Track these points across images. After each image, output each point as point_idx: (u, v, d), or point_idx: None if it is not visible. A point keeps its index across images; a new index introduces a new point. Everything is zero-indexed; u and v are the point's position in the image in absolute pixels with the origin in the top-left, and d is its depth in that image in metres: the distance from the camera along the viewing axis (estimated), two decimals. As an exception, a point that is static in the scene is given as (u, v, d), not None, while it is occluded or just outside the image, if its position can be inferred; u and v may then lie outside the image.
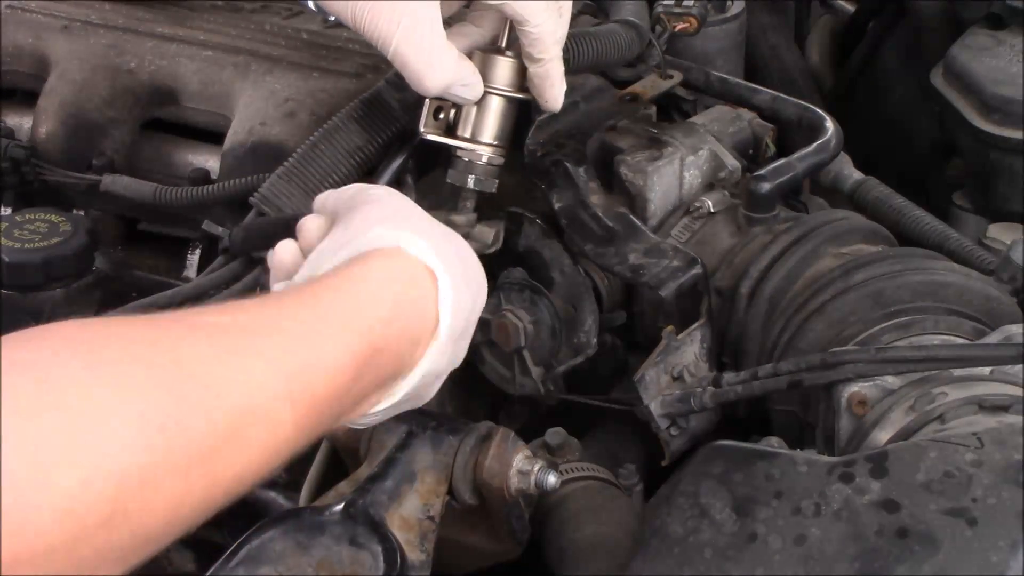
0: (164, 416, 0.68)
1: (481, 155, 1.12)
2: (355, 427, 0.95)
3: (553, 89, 1.10)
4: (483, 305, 0.97)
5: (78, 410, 0.65)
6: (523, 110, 1.15)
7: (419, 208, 0.96)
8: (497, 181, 1.14)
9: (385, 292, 0.86)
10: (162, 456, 0.68)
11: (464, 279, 0.92)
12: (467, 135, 1.12)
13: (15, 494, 0.61)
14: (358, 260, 0.88)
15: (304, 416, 0.78)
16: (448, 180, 1.14)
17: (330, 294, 0.84)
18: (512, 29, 1.09)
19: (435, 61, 1.03)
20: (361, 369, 0.82)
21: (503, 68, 1.10)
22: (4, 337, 0.66)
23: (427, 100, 1.12)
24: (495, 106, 1.11)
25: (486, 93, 1.10)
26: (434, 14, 1.03)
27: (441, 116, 1.13)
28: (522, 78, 1.11)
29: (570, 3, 1.10)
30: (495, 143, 1.12)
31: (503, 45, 1.10)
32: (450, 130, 1.13)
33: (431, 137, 1.13)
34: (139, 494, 0.67)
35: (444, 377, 0.94)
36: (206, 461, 0.71)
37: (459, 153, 1.13)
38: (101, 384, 0.67)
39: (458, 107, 1.11)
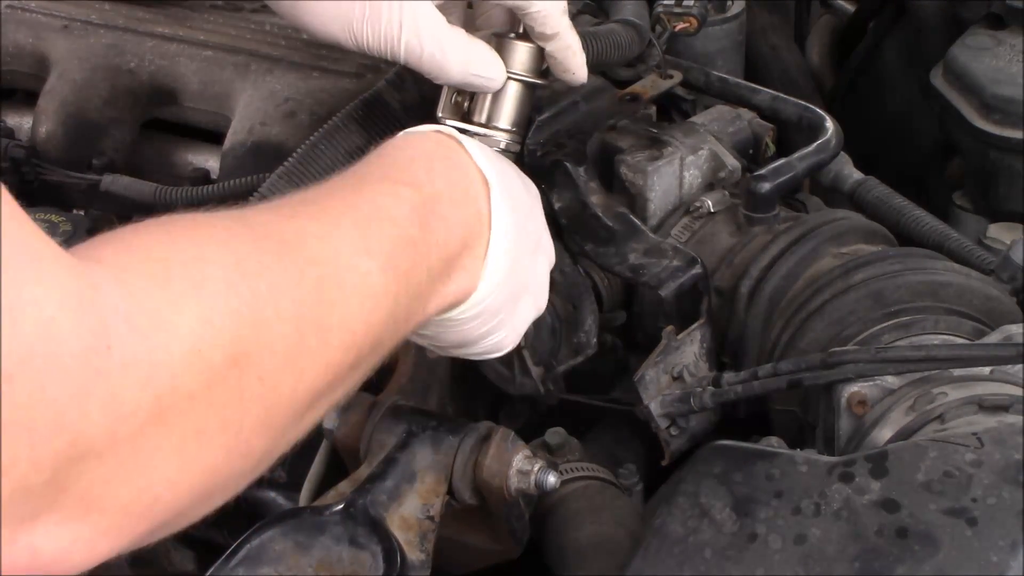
0: (256, 265, 0.71)
1: (498, 140, 1.10)
2: (467, 313, 0.94)
3: (576, 58, 1.08)
4: (537, 195, 1.01)
5: (178, 264, 0.67)
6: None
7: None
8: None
9: (417, 151, 0.91)
10: (266, 299, 0.70)
11: (495, 155, 0.98)
12: (483, 120, 1.10)
13: (145, 341, 0.62)
14: (385, 144, 0.94)
15: (387, 265, 0.81)
16: None
17: (368, 165, 0.90)
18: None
19: (448, 47, 1.02)
20: (425, 218, 0.86)
21: (519, 52, 1.08)
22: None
23: (445, 86, 1.10)
24: (511, 91, 1.09)
25: (527, 83, 1.08)
26: (429, 5, 1.02)
27: (458, 101, 1.11)
28: (539, 62, 1.09)
29: None
30: (512, 129, 1.10)
31: (519, 31, 1.09)
32: (467, 118, 1.11)
33: (449, 123, 1.11)
34: (256, 337, 0.69)
35: (543, 263, 0.99)
36: (309, 309, 0.74)
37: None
38: (190, 243, 0.70)
39: (475, 93, 1.10)
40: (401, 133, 0.95)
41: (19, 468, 0.57)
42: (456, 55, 1.02)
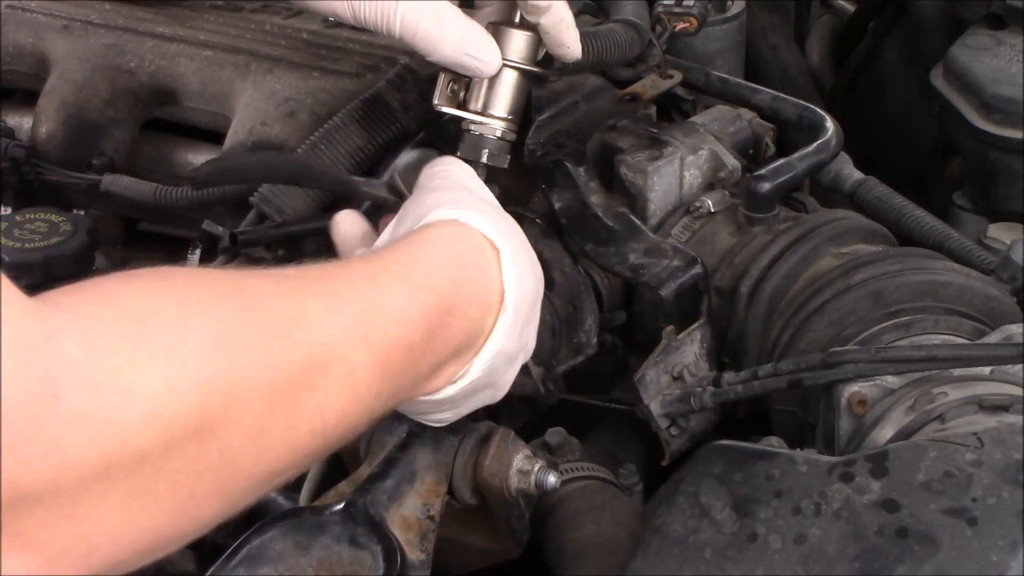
0: (241, 338, 0.70)
1: (495, 129, 1.09)
2: (432, 398, 0.93)
3: (569, 31, 1.06)
4: (542, 291, 0.97)
5: (155, 325, 0.66)
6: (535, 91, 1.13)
7: (483, 186, 0.99)
8: (509, 157, 1.11)
9: (447, 254, 0.88)
10: (243, 374, 0.69)
11: (525, 255, 0.94)
12: (479, 108, 1.09)
13: (98, 396, 0.62)
14: (419, 230, 0.91)
15: (379, 363, 0.79)
16: (459, 155, 1.11)
17: (393, 255, 0.88)
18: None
19: (445, 23, 1.01)
20: (432, 328, 0.84)
21: (516, 40, 1.07)
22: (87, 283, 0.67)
23: (442, 73, 1.10)
24: (508, 79, 1.08)
25: (522, 70, 1.08)
26: None
27: (454, 89, 1.10)
28: (535, 51, 1.08)
29: None
30: (508, 117, 1.09)
31: (516, 20, 1.08)
32: (463, 106, 1.11)
33: (445, 109, 1.10)
34: (224, 410, 0.68)
35: (518, 364, 0.95)
36: (286, 390, 0.72)
37: (471, 127, 1.09)
38: (174, 305, 0.68)
39: (471, 81, 1.09)
40: (437, 223, 0.91)
41: None
42: (452, 33, 1.01)
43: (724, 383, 1.06)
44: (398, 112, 1.18)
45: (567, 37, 1.06)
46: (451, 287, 0.87)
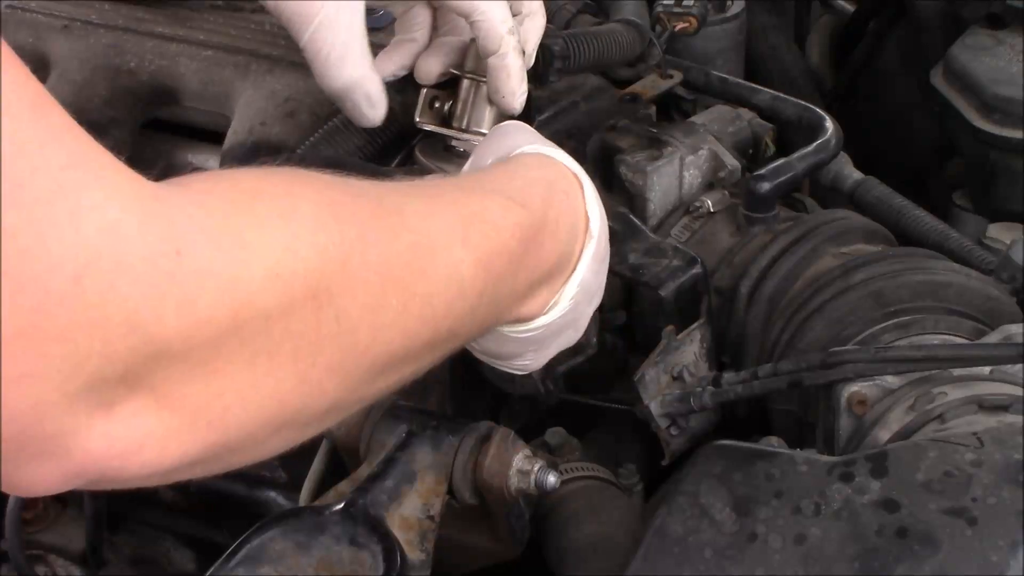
0: (350, 211, 0.72)
1: (475, 145, 1.10)
2: (524, 334, 0.95)
3: (510, 82, 1.06)
4: (605, 272, 1.01)
5: (267, 195, 0.68)
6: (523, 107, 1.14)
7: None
8: None
9: (538, 175, 0.91)
10: (355, 245, 0.70)
11: (599, 196, 0.97)
12: (463, 126, 1.11)
13: (220, 253, 0.63)
14: (511, 158, 0.93)
15: (481, 262, 0.81)
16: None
17: (486, 174, 0.91)
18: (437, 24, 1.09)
19: (348, 57, 1.02)
20: (527, 240, 0.86)
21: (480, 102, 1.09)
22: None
23: (423, 90, 1.11)
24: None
25: (483, 84, 1.09)
26: (359, 14, 1.02)
27: (436, 106, 1.12)
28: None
29: None
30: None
31: (465, 65, 1.09)
32: (446, 122, 1.12)
33: (427, 127, 1.12)
34: (340, 277, 0.69)
35: (594, 305, 0.99)
36: (397, 267, 0.74)
37: (455, 143, 1.12)
38: (283, 182, 0.70)
39: (455, 98, 1.10)
40: (530, 151, 0.94)
41: (93, 362, 0.58)
42: (347, 72, 1.02)
43: (724, 383, 1.06)
44: (398, 112, 1.17)
45: (504, 87, 1.06)
46: (543, 205, 0.88)
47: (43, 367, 0.56)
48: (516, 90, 1.06)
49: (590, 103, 1.30)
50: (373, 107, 1.06)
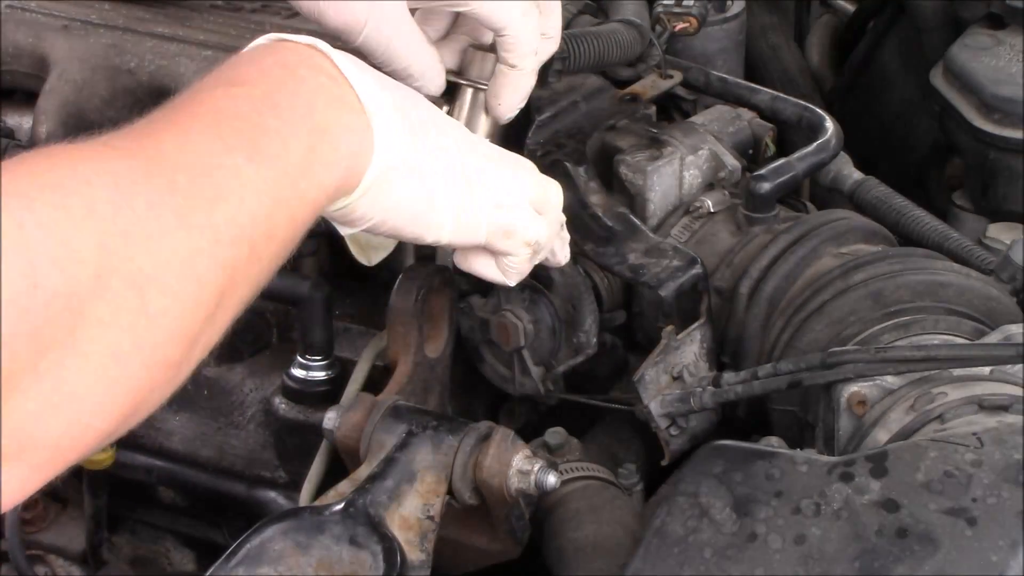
0: (130, 182, 0.72)
1: None
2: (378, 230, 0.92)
3: (512, 96, 1.05)
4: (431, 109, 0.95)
5: (71, 188, 0.68)
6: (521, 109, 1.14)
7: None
8: None
9: (263, 60, 0.87)
10: (147, 215, 0.71)
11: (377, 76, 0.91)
12: None
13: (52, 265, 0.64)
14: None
15: (252, 158, 0.79)
16: None
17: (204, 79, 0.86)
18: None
19: (404, 47, 1.00)
20: (273, 106, 0.82)
21: (491, 63, 1.08)
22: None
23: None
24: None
25: (479, 90, 1.09)
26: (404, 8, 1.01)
27: None
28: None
29: (556, 3, 1.07)
30: (488, 139, 1.10)
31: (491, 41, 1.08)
32: None
33: None
34: (148, 252, 0.70)
35: (414, 174, 0.91)
36: (190, 214, 0.74)
37: None
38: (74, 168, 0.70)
39: (451, 103, 1.10)
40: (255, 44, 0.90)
41: None
42: (406, 62, 1.00)
43: (724, 383, 1.06)
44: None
45: (504, 99, 1.05)
46: (261, 76, 0.85)
47: None
48: (516, 106, 1.06)
49: (590, 103, 1.30)
50: (431, 82, 1.04)
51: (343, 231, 0.93)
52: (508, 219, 0.96)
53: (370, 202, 0.89)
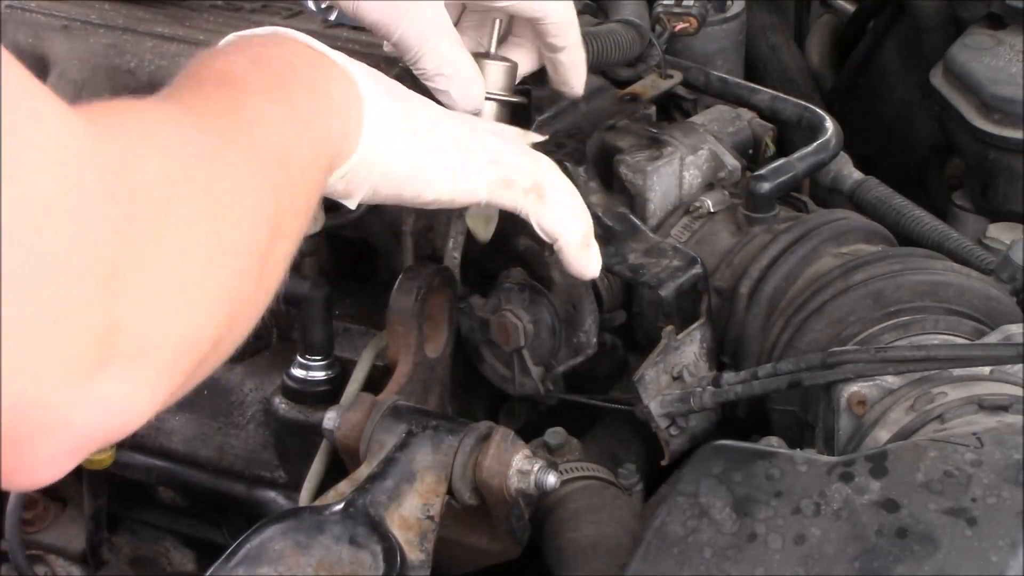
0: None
1: None
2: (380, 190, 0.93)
3: (580, 74, 1.12)
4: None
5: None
6: (520, 112, 1.15)
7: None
8: None
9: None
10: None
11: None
12: None
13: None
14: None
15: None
16: None
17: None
18: (501, 31, 1.08)
19: (438, 50, 1.02)
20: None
21: (495, 72, 1.08)
22: None
23: None
24: (488, 111, 1.09)
25: (509, 103, 1.09)
26: (442, 10, 1.03)
27: None
28: (513, 80, 1.09)
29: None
30: None
31: (491, 50, 1.09)
32: None
33: None
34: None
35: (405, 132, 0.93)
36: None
37: None
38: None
39: None
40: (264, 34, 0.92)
41: (76, 310, 0.59)
42: (438, 64, 1.02)
43: (724, 383, 1.06)
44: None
45: (574, 80, 1.12)
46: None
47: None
48: (583, 80, 1.12)
49: (590, 103, 1.30)
50: (469, 96, 1.05)
51: (351, 203, 0.93)
52: (506, 170, 0.97)
53: (370, 163, 0.90)
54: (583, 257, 1.03)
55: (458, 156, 0.95)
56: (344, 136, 0.88)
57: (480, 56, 1.08)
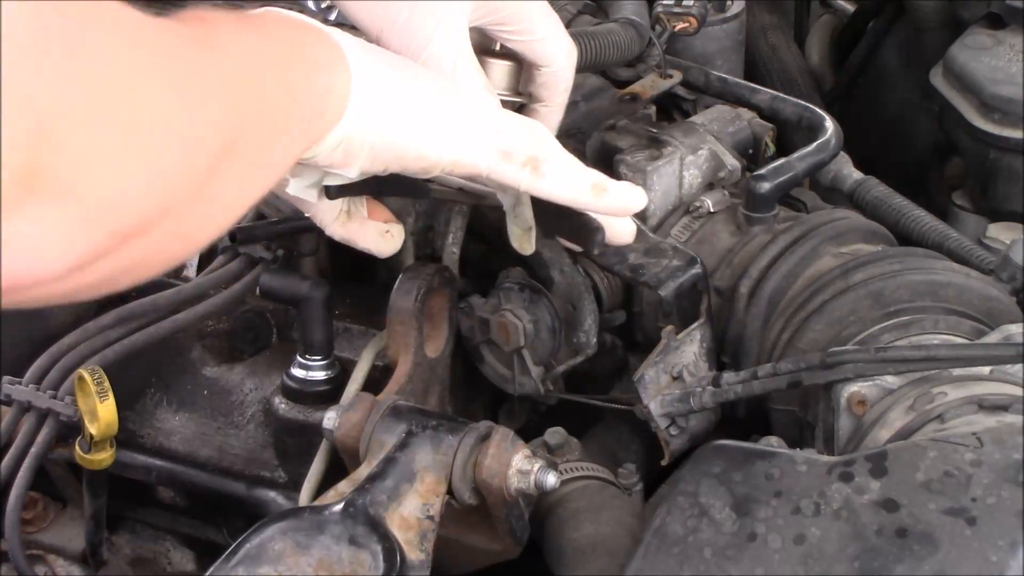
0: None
1: None
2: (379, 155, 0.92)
3: (559, 95, 1.09)
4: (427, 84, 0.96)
5: None
6: (521, 112, 1.15)
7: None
8: None
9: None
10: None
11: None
12: None
13: None
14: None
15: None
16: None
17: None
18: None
19: (460, 68, 1.02)
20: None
21: (498, 72, 1.08)
22: None
23: None
24: None
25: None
26: (464, 34, 1.02)
27: None
28: (516, 80, 1.09)
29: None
30: None
31: (494, 49, 1.09)
32: None
33: None
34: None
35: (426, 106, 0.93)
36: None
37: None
38: None
39: None
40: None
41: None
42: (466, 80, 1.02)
43: (724, 383, 1.06)
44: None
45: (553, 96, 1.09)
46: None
47: None
48: (563, 101, 1.10)
49: (590, 103, 1.30)
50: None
51: (351, 171, 0.92)
52: (506, 140, 0.95)
53: (364, 128, 0.89)
54: (608, 203, 0.99)
55: (462, 121, 0.94)
56: (327, 92, 0.87)
57: (484, 54, 1.08)
